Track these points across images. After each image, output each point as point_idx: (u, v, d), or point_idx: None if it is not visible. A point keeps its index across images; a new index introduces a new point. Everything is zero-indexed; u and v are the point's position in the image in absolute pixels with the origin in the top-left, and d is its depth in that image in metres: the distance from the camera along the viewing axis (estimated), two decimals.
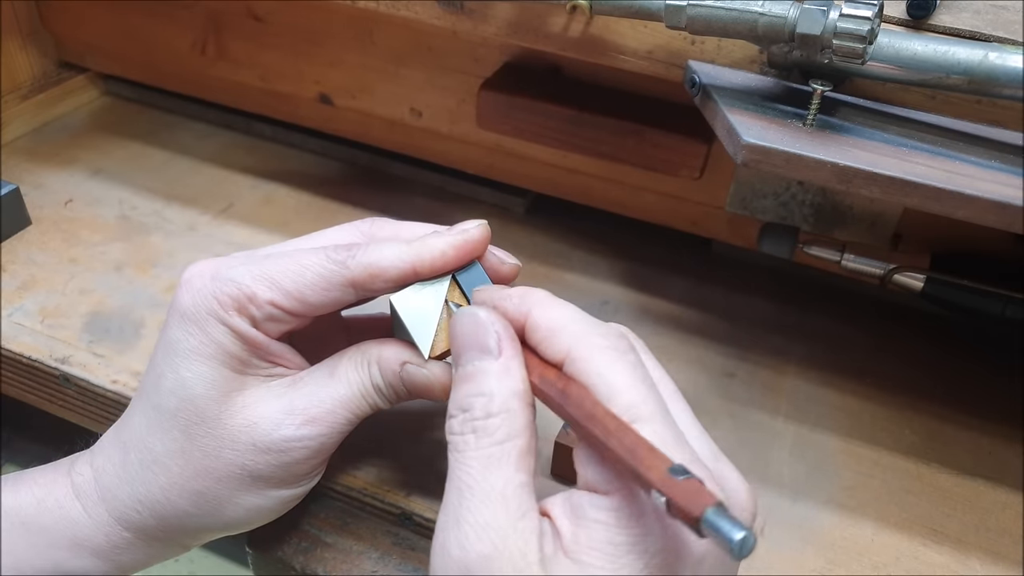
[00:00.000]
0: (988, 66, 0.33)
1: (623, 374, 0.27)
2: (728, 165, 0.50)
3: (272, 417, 0.32)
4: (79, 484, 0.34)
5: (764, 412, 0.46)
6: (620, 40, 0.41)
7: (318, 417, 0.32)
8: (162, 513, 0.33)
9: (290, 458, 0.33)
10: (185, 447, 0.32)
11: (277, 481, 0.33)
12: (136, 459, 0.33)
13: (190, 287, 0.33)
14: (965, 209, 0.32)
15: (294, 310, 0.32)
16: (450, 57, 0.55)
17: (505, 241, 0.58)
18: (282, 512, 0.35)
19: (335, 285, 0.32)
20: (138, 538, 0.34)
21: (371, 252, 0.32)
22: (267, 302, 0.32)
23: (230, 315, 0.32)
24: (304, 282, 0.32)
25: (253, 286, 0.32)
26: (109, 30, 0.64)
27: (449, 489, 0.28)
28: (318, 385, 0.33)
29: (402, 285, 0.33)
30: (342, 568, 0.37)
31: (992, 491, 0.43)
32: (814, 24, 0.33)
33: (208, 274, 0.33)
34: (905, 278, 0.47)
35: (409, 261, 0.32)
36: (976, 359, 0.52)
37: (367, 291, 0.33)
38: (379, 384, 0.33)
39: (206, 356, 0.32)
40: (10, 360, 0.46)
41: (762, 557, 0.39)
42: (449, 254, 0.33)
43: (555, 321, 0.29)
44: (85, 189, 0.59)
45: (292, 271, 0.32)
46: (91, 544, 0.33)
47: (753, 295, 0.55)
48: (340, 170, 0.64)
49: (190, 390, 0.32)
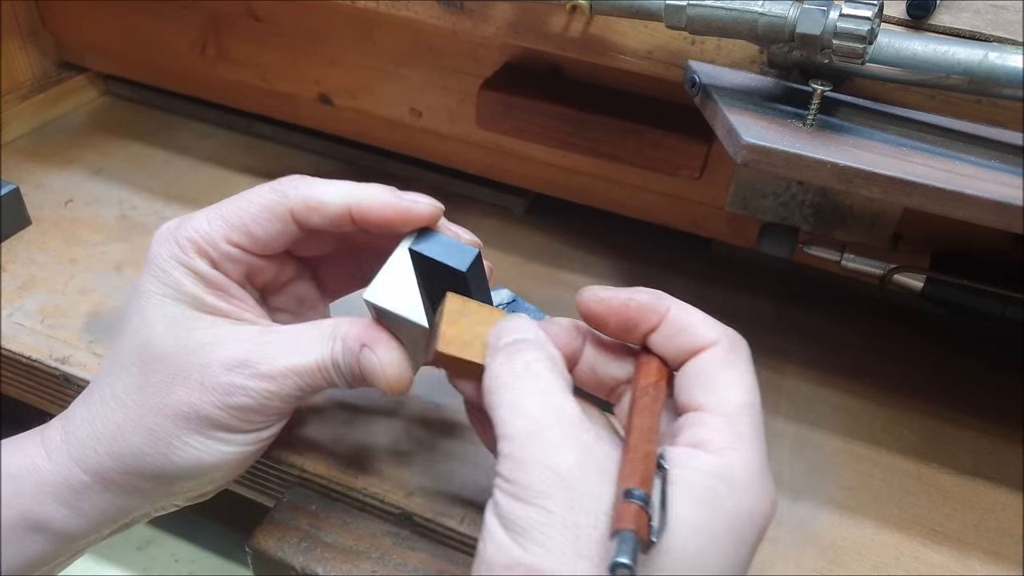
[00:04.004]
0: (988, 66, 0.33)
1: (739, 377, 0.30)
2: (728, 165, 0.50)
3: (226, 361, 0.33)
4: (47, 434, 0.35)
5: (764, 412, 0.46)
6: (620, 40, 0.41)
7: (268, 374, 0.33)
8: (117, 450, 0.33)
9: (234, 402, 0.33)
10: (141, 382, 0.33)
11: (224, 425, 0.33)
12: (98, 397, 0.34)
13: (158, 237, 0.35)
14: (965, 209, 0.32)
15: (243, 244, 0.34)
16: (450, 57, 0.55)
17: (505, 241, 0.58)
18: (232, 470, 0.35)
19: (277, 216, 0.34)
20: (96, 481, 0.34)
21: (313, 185, 0.34)
22: (222, 239, 0.34)
23: (190, 257, 0.34)
24: (249, 215, 0.34)
25: (207, 227, 0.34)
26: (109, 30, 0.64)
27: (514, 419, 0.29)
28: (279, 346, 0.34)
29: (339, 226, 0.34)
30: (342, 568, 0.37)
31: (992, 491, 0.43)
32: (814, 24, 0.33)
33: (173, 224, 0.35)
34: (905, 278, 0.47)
35: (346, 201, 0.34)
36: (976, 359, 0.52)
37: (307, 224, 0.34)
38: (339, 362, 0.34)
39: (168, 296, 0.34)
40: (10, 360, 0.46)
41: (762, 557, 0.39)
42: (388, 210, 0.34)
43: (689, 320, 0.31)
44: (85, 189, 0.59)
45: (238, 206, 0.34)
46: (52, 488, 0.34)
47: (753, 295, 0.55)
48: (340, 170, 0.64)
49: (152, 328, 0.33)
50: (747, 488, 0.27)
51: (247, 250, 0.34)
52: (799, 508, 0.41)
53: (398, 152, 0.62)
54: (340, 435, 0.42)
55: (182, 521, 0.46)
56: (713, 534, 0.26)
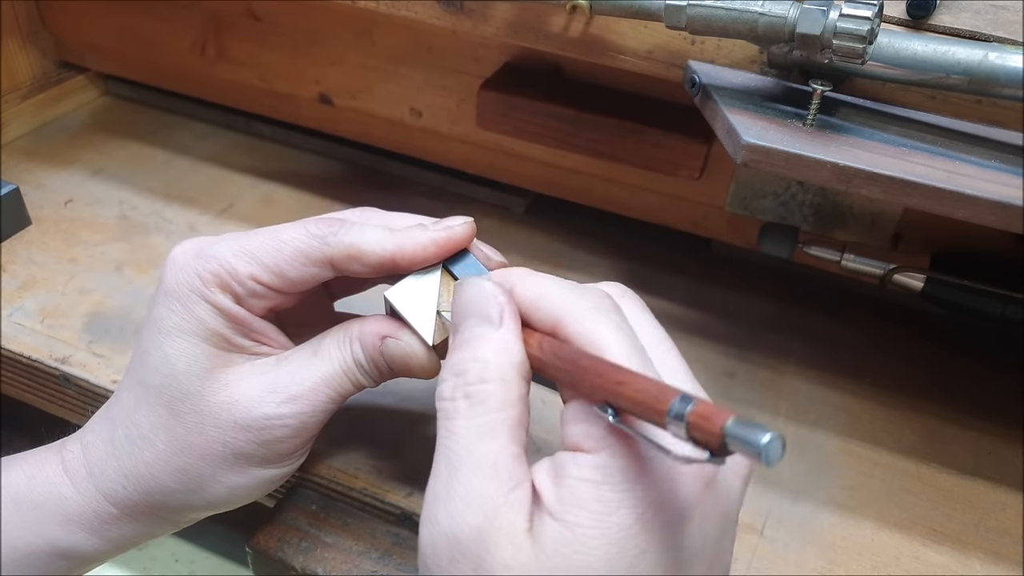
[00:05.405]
0: (988, 66, 0.33)
1: (608, 333, 0.27)
2: (728, 165, 0.50)
3: (254, 395, 0.32)
4: (68, 461, 0.34)
5: (764, 412, 0.46)
6: (620, 40, 0.41)
7: (299, 395, 0.33)
8: (146, 488, 0.33)
9: (271, 436, 0.33)
10: (169, 423, 0.33)
11: (259, 459, 0.33)
12: (123, 434, 0.33)
13: (174, 265, 0.33)
14: (965, 209, 0.32)
15: (273, 284, 0.33)
16: (450, 57, 0.55)
17: (505, 241, 0.58)
18: (265, 492, 0.35)
19: (314, 261, 0.32)
20: (124, 513, 0.34)
21: (353, 233, 0.32)
22: (248, 277, 0.32)
23: (212, 292, 0.32)
24: (283, 257, 0.32)
25: (234, 261, 0.32)
26: (109, 30, 0.64)
27: (438, 459, 0.27)
28: (301, 363, 0.33)
29: (379, 272, 0.33)
30: (342, 568, 0.37)
31: (992, 491, 0.43)
32: (814, 24, 0.33)
33: (191, 252, 0.33)
34: (905, 278, 0.47)
35: (390, 250, 0.32)
36: (976, 359, 0.52)
37: (345, 271, 0.33)
38: (361, 361, 0.33)
39: (188, 333, 0.32)
40: (10, 360, 0.46)
41: (762, 557, 0.39)
42: (430, 249, 0.33)
43: (539, 292, 0.29)
44: (85, 189, 0.59)
45: (271, 246, 0.32)
46: (80, 519, 0.34)
47: (753, 295, 0.55)
48: (340, 170, 0.64)
49: (172, 366, 0.32)
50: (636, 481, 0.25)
51: (276, 289, 0.33)
52: (799, 508, 0.41)
53: (398, 152, 0.62)
54: (340, 435, 0.42)
55: None
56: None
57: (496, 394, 0.27)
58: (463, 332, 0.29)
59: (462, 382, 0.27)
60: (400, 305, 0.33)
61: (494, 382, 0.27)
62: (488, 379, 0.27)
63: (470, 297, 0.29)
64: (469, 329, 0.29)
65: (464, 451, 0.26)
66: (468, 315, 0.29)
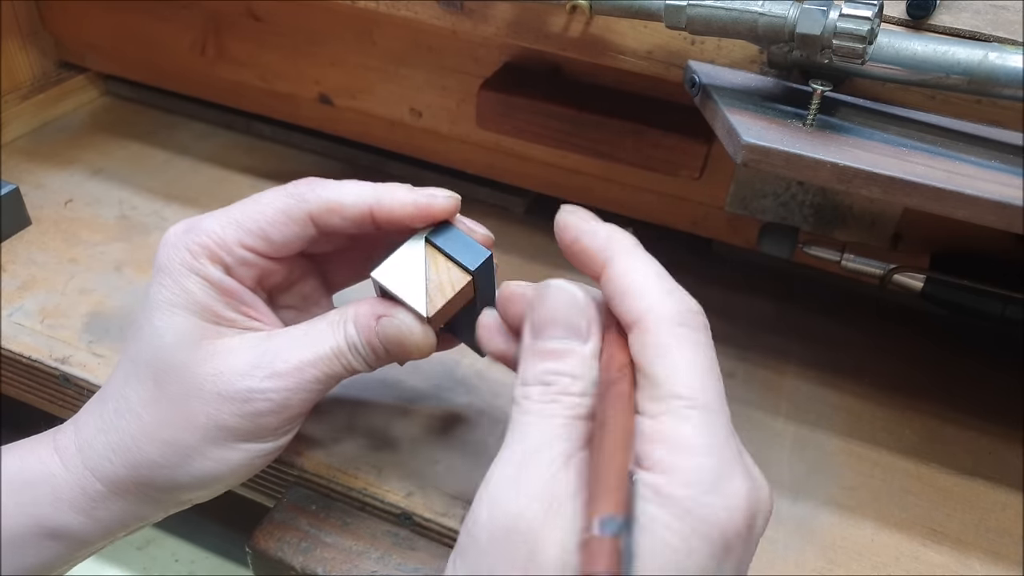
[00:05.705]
0: (988, 66, 0.33)
1: (687, 357, 0.27)
2: (728, 165, 0.50)
3: (239, 367, 0.33)
4: (60, 441, 0.35)
5: (764, 412, 0.46)
6: (620, 40, 0.41)
7: (284, 372, 0.33)
8: (133, 462, 0.33)
9: (253, 409, 0.33)
10: (156, 395, 0.33)
11: (244, 433, 0.33)
12: (112, 408, 0.34)
13: (166, 242, 0.34)
14: (965, 209, 0.32)
15: (259, 248, 0.34)
16: (450, 57, 0.55)
17: (505, 241, 0.58)
18: (253, 470, 0.35)
19: (295, 219, 0.33)
20: (111, 491, 0.34)
21: (331, 187, 0.34)
22: (236, 244, 0.33)
23: (203, 263, 0.33)
24: (265, 219, 0.33)
25: (220, 231, 0.33)
26: (109, 30, 0.64)
27: (514, 446, 0.27)
28: (291, 340, 0.34)
29: (359, 227, 0.34)
30: (342, 568, 0.37)
31: (992, 491, 0.43)
32: (814, 24, 0.33)
33: (182, 228, 0.34)
34: (905, 278, 0.47)
35: (368, 201, 0.33)
36: (976, 359, 0.52)
37: (326, 227, 0.34)
38: (355, 342, 0.34)
39: (178, 306, 0.33)
40: (10, 360, 0.46)
41: (762, 557, 0.39)
42: (408, 208, 0.34)
43: (634, 281, 0.28)
44: (85, 189, 0.59)
45: (253, 210, 0.34)
46: (68, 497, 0.34)
47: (753, 295, 0.55)
48: (340, 170, 0.64)
49: (162, 339, 0.33)
50: (712, 494, 0.25)
51: (262, 254, 0.34)
52: (799, 508, 0.41)
53: (398, 152, 0.62)
54: (340, 435, 0.42)
55: (182, 521, 0.46)
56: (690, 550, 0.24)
57: (581, 405, 0.27)
58: (548, 341, 0.29)
59: (551, 391, 0.27)
60: (389, 283, 0.33)
61: (583, 396, 0.27)
62: (577, 393, 0.27)
63: (559, 303, 0.29)
64: (554, 339, 0.28)
65: (545, 444, 0.26)
66: (554, 323, 0.29)
